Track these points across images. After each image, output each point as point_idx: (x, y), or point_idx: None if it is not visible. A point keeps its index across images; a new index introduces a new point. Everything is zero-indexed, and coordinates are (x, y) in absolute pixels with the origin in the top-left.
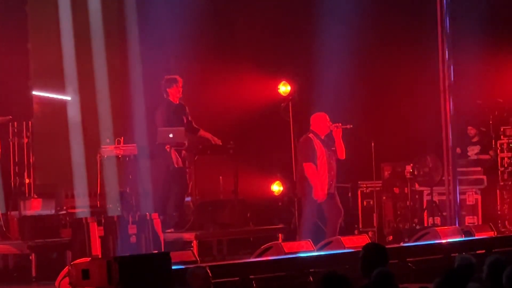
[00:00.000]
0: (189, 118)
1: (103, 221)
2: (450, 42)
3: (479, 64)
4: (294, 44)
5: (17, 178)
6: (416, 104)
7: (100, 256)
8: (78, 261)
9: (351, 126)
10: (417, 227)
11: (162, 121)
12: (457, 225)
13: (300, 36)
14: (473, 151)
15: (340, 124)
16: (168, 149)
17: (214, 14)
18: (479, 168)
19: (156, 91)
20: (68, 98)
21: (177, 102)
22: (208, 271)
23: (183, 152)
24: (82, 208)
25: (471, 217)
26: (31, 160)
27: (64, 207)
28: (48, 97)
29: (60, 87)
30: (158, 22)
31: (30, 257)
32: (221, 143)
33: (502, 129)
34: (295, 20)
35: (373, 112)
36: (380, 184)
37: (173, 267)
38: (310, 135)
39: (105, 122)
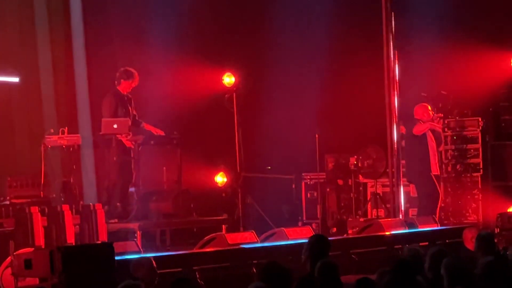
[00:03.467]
0: (134, 112)
1: (46, 211)
2: (394, 36)
3: (424, 57)
4: (239, 36)
5: None
6: (360, 96)
7: (43, 246)
8: (20, 251)
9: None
10: (361, 219)
11: (109, 110)
12: (400, 217)
13: (246, 28)
14: None
15: (442, 115)
16: (112, 140)
17: (160, 5)
18: None
19: (101, 81)
20: (16, 79)
21: (125, 93)
22: (153, 261)
23: (127, 142)
24: (25, 198)
25: (414, 209)
26: None
27: (7, 197)
28: None
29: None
30: (103, 11)
31: None
32: (163, 134)
33: (446, 122)
34: (240, 11)
35: (317, 104)
36: (324, 176)
37: (116, 258)
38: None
39: (49, 112)
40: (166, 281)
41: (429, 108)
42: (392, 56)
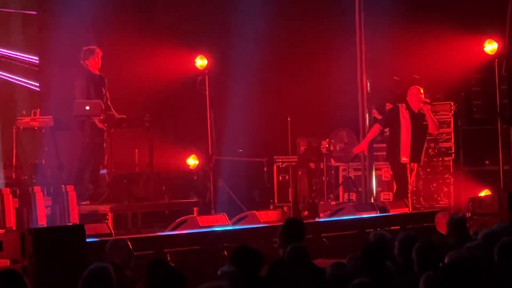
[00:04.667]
0: (107, 93)
1: (18, 192)
2: (366, 19)
3: (396, 41)
4: (212, 18)
5: None
6: (333, 80)
7: (14, 228)
8: None
9: (429, 100)
10: (333, 202)
11: (81, 91)
12: (372, 201)
13: (218, 10)
14: None
15: (428, 100)
16: (84, 121)
17: None
18: None
19: (74, 62)
20: None
21: (97, 73)
22: (129, 243)
23: (100, 124)
24: None
25: (386, 193)
26: None
27: None
28: None
29: None
30: None
31: None
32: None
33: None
34: None
35: (289, 87)
36: (296, 159)
37: (88, 240)
38: (400, 104)
39: (21, 94)
40: (137, 264)
41: (421, 91)
42: (363, 39)
